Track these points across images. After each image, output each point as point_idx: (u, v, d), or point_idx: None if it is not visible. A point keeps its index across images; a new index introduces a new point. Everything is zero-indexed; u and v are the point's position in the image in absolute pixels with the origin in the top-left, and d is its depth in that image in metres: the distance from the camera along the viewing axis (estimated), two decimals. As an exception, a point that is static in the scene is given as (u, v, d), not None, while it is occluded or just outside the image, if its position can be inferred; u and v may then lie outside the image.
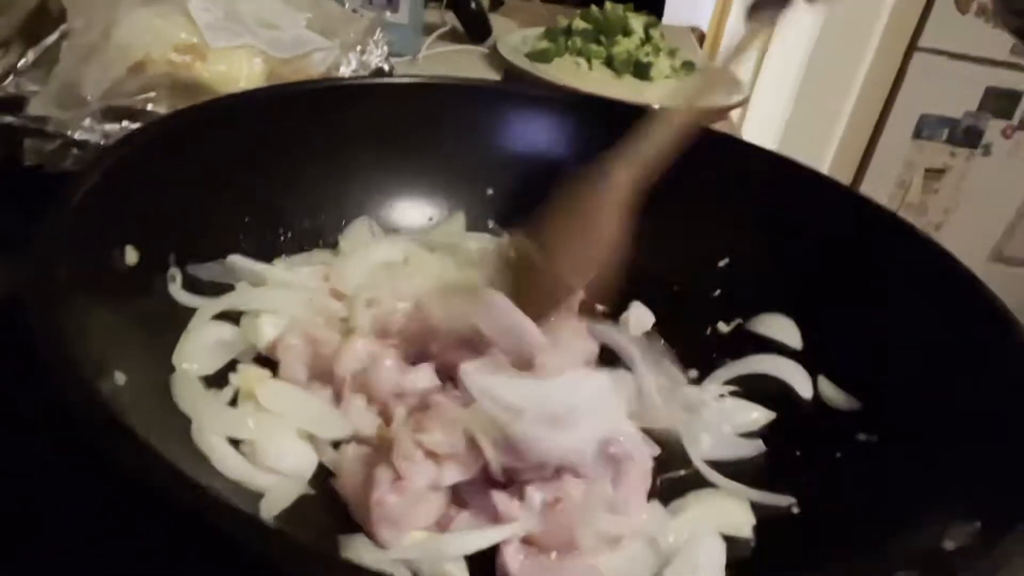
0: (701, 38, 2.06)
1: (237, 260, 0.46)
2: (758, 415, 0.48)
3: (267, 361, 0.44)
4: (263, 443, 0.38)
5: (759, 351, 0.52)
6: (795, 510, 0.41)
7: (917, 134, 2.12)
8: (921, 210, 2.19)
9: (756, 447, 0.46)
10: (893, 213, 0.53)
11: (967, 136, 2.10)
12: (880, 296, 0.50)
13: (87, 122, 0.57)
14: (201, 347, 0.42)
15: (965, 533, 0.32)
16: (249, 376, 0.40)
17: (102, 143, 0.57)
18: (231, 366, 0.42)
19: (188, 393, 0.38)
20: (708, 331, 0.55)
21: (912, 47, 2.02)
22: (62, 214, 0.34)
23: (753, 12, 0.48)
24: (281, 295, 0.46)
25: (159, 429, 0.33)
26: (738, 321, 0.55)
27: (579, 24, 1.13)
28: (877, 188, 2.16)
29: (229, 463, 0.36)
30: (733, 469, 0.44)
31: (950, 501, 0.36)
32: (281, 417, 0.39)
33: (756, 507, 0.41)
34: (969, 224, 2.18)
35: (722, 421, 0.46)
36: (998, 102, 2.04)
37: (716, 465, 0.44)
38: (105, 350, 0.32)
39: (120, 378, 0.32)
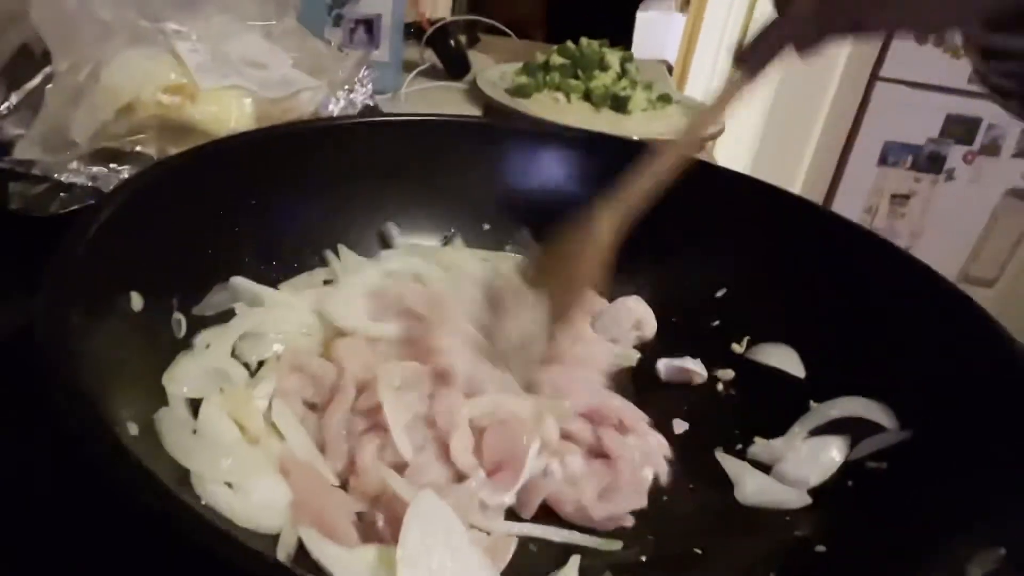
0: (669, 70, 2.11)
1: (239, 281, 0.46)
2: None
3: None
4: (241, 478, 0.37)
5: (762, 380, 0.52)
6: (820, 548, 0.40)
7: (882, 161, 2.18)
8: (889, 234, 2.22)
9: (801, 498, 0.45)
10: (885, 240, 0.54)
11: (930, 162, 2.16)
12: (878, 321, 0.50)
13: (74, 165, 0.57)
14: (194, 372, 0.40)
15: (990, 559, 0.32)
16: (235, 399, 0.39)
17: (89, 185, 0.56)
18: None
19: (175, 437, 0.36)
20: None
21: (874, 77, 2.08)
22: (72, 259, 0.33)
23: (741, 61, 0.47)
24: (281, 315, 0.46)
25: (172, 475, 0.32)
26: (739, 352, 0.55)
27: (556, 59, 1.15)
28: (845, 214, 2.17)
29: (236, 509, 0.35)
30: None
31: (970, 528, 0.36)
32: (267, 450, 0.39)
33: (778, 545, 0.41)
34: (936, 247, 2.23)
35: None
36: (959, 128, 2.10)
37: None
38: (118, 399, 0.31)
39: (133, 428, 0.31)
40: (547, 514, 0.41)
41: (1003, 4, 0.39)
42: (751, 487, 0.45)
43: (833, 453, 0.46)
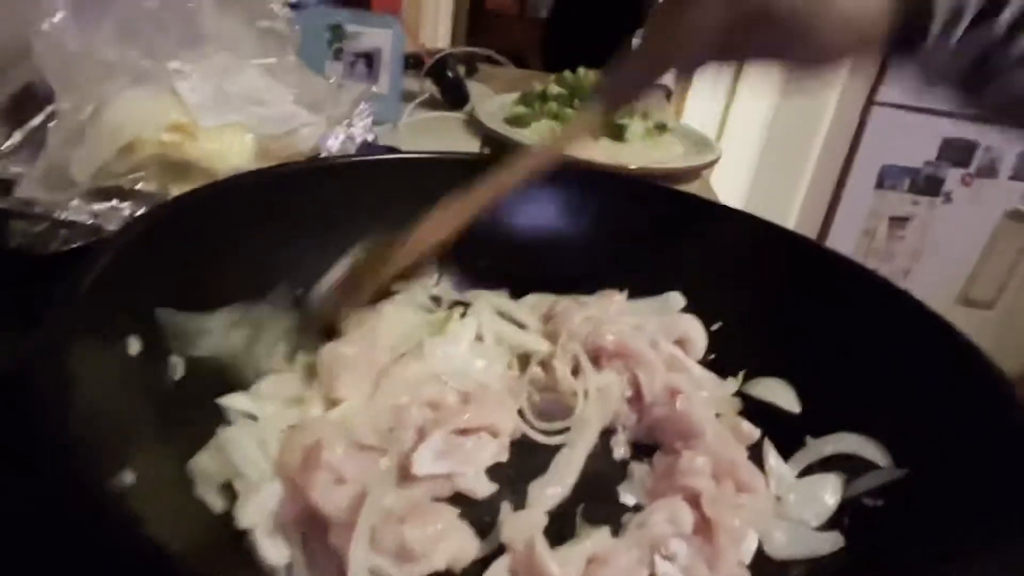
0: (668, 95, 2.12)
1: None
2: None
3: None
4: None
5: (757, 415, 0.52)
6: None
7: (880, 184, 2.19)
8: (888, 257, 2.25)
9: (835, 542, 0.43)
10: (879, 275, 0.54)
11: (928, 185, 2.17)
12: (873, 357, 0.50)
13: (75, 203, 0.57)
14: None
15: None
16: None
17: (90, 223, 0.57)
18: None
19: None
20: (704, 396, 0.55)
21: (870, 101, 2.10)
22: (72, 301, 0.33)
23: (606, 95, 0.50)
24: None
25: (174, 525, 0.32)
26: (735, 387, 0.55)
27: (553, 89, 1.16)
28: (844, 237, 2.21)
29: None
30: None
31: (968, 567, 0.36)
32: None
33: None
34: (935, 269, 2.24)
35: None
36: (956, 152, 2.12)
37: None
38: (114, 444, 0.31)
39: (129, 476, 0.31)
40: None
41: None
42: (782, 539, 0.43)
43: (829, 492, 0.46)
